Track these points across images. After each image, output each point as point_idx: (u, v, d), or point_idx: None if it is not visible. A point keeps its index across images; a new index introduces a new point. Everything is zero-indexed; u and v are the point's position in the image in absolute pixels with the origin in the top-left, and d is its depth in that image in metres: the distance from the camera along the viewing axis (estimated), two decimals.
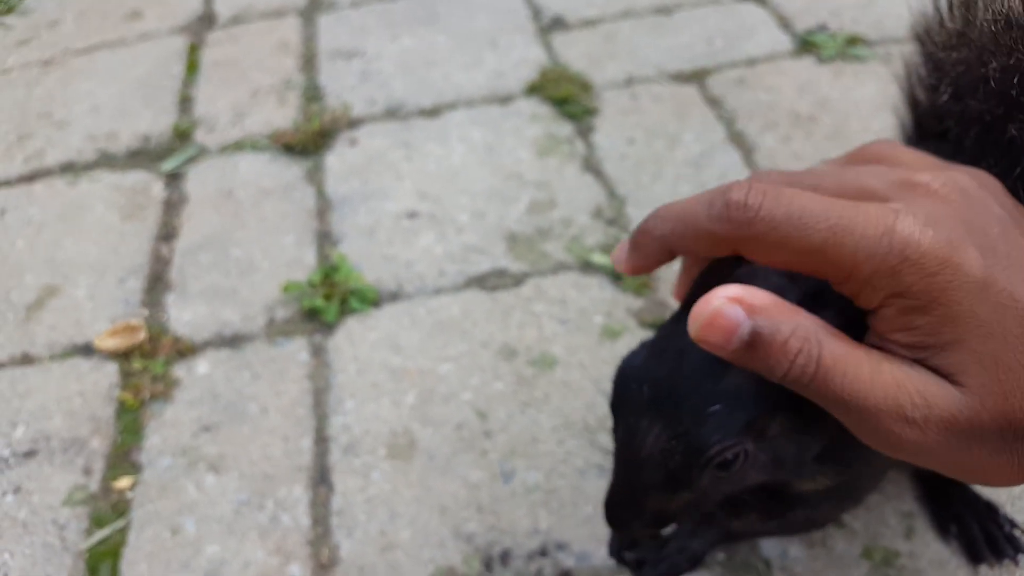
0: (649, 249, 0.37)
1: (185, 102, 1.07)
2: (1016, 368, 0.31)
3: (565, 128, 0.99)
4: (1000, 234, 0.33)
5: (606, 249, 0.84)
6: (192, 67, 1.13)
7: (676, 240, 0.36)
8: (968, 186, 0.35)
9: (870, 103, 0.96)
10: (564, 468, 0.68)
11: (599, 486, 0.66)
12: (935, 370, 0.32)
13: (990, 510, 0.62)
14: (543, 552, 0.63)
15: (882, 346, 0.33)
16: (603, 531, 0.63)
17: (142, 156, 1.00)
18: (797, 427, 0.38)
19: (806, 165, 0.92)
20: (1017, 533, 0.61)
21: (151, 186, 0.96)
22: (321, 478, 0.69)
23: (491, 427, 0.71)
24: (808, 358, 0.32)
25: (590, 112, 1.01)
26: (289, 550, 0.65)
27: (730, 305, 0.32)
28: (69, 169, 0.99)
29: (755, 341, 0.32)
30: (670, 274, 0.81)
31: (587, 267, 0.83)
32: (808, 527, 0.56)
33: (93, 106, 1.06)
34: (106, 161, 0.99)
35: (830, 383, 0.31)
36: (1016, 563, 0.61)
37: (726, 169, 0.91)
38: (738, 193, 0.33)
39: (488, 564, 0.63)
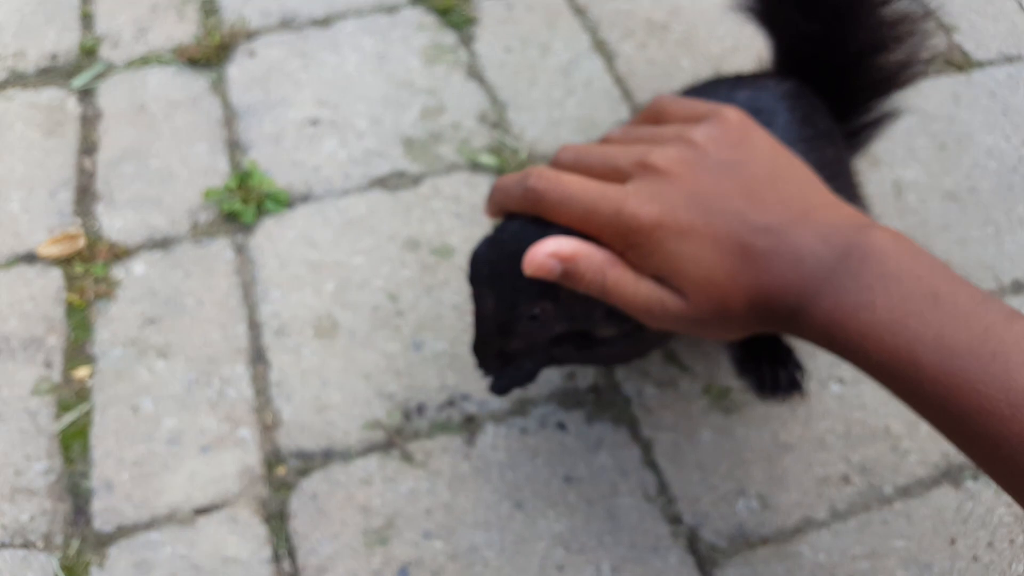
0: (497, 208, 0.57)
1: (86, 18, 1.11)
2: (718, 282, 0.48)
3: (449, 37, 1.09)
4: (710, 184, 0.50)
5: (492, 150, 0.97)
6: None
7: (506, 205, 0.56)
8: (692, 152, 0.51)
9: (716, 10, 1.09)
10: (465, 337, 0.82)
11: None
12: (670, 287, 0.50)
13: (787, 353, 0.79)
14: (451, 403, 0.78)
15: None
16: None
17: (52, 74, 1.05)
18: (579, 297, 0.55)
19: (661, 71, 1.06)
20: (799, 376, 0.79)
21: (65, 102, 1.02)
22: (258, 357, 0.81)
23: (402, 307, 0.85)
24: (597, 284, 0.51)
25: (470, 21, 1.11)
26: (237, 417, 0.78)
27: (548, 259, 0.51)
28: None
29: (565, 275, 0.52)
30: None
31: (476, 167, 0.96)
32: (612, 361, 0.74)
33: None
34: (18, 79, 1.04)
35: (611, 296, 0.51)
36: (786, 398, 0.78)
37: (591, 76, 1.04)
38: (533, 180, 0.53)
39: (407, 415, 0.77)
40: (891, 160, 0.97)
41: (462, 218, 0.91)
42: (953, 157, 0.98)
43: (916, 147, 0.99)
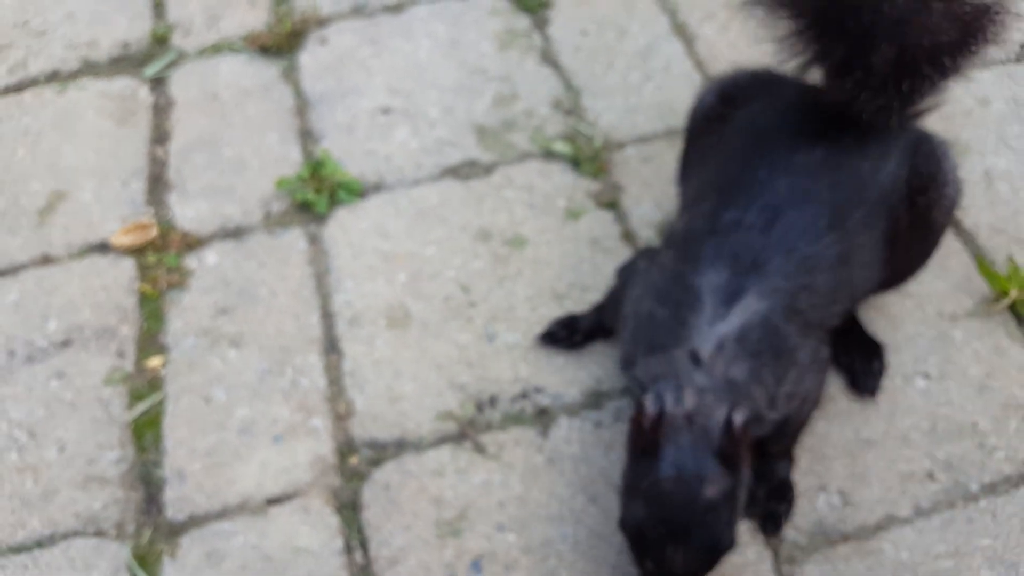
0: None
1: (158, 7, 1.11)
2: None
3: (523, 21, 1.07)
4: None
5: (566, 138, 0.94)
6: None
7: None
8: None
9: None
10: (538, 329, 0.80)
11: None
12: None
13: (877, 348, 0.76)
14: (524, 395, 0.76)
15: None
16: (574, 375, 0.77)
17: (124, 62, 1.05)
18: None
19: (744, 55, 1.01)
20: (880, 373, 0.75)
21: (137, 91, 1.02)
22: (331, 347, 0.80)
23: (474, 299, 0.83)
24: None
25: (545, 4, 1.08)
26: (310, 407, 0.76)
27: None
28: (55, 78, 1.04)
29: None
30: (622, 159, 0.92)
31: (549, 155, 0.93)
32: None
33: (68, 13, 1.11)
34: (90, 69, 1.05)
35: None
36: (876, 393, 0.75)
37: (670, 60, 1.00)
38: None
39: (480, 407, 0.75)
40: (981, 148, 0.92)
41: (535, 208, 0.89)
42: None
43: (1008, 135, 0.93)
